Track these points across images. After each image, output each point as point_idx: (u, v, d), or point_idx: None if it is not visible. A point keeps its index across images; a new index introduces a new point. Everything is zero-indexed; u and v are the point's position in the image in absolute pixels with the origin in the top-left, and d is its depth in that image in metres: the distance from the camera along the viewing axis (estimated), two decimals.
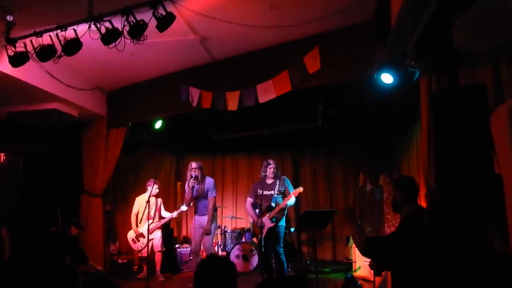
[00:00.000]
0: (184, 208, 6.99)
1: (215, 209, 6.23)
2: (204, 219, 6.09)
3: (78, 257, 4.80)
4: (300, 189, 5.88)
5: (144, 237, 6.88)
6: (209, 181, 6.23)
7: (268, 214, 5.83)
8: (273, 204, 5.85)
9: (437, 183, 3.17)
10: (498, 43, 2.53)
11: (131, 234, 7.14)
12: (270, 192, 5.94)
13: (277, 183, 5.95)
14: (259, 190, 6.05)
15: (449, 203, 2.32)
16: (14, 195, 6.79)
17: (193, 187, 6.04)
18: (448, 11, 2.82)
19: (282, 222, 5.91)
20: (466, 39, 2.67)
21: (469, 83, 3.25)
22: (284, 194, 5.93)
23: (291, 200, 5.89)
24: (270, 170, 6.02)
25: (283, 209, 5.89)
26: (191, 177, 6.06)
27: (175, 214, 7.22)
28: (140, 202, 7.13)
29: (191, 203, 6.26)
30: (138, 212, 7.10)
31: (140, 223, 7.03)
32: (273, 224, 5.80)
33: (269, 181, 6.04)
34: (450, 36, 3.00)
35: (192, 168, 6.12)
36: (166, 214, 7.29)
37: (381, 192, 7.83)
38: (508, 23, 2.33)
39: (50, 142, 7.57)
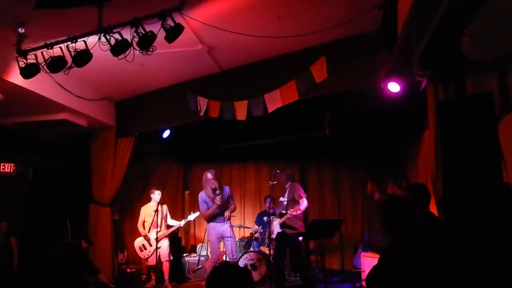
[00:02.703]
0: (192, 217, 6.97)
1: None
2: (224, 225, 5.99)
3: (89, 269, 4.82)
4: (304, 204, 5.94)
5: (151, 245, 6.90)
6: (226, 189, 6.17)
7: (279, 220, 6.02)
8: (283, 211, 5.94)
9: (445, 192, 3.17)
10: (505, 52, 2.54)
11: (138, 242, 7.15)
12: (282, 199, 6.16)
13: (288, 190, 6.11)
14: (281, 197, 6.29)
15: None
16: (23, 205, 6.85)
17: (219, 198, 5.80)
18: (454, 21, 2.84)
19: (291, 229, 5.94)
20: (474, 48, 2.69)
21: (476, 91, 3.26)
22: (294, 200, 5.99)
23: (303, 206, 5.92)
24: (282, 178, 6.30)
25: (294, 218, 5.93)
26: (212, 190, 5.87)
27: (182, 223, 7.23)
28: (145, 211, 7.14)
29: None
30: (144, 221, 7.12)
31: (147, 232, 7.04)
32: (281, 231, 5.89)
33: (286, 186, 6.26)
34: (457, 45, 3.02)
35: (209, 179, 5.87)
36: (173, 222, 7.29)
37: None
38: None
39: (59, 152, 7.65)
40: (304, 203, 5.89)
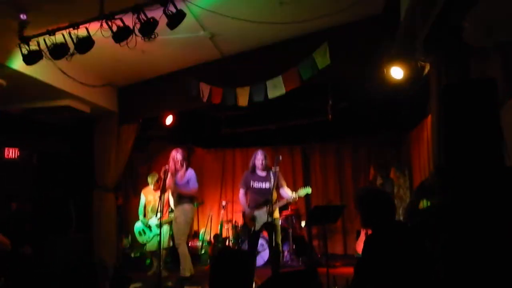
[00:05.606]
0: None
1: None
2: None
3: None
4: (308, 190, 5.76)
5: (151, 230, 6.98)
6: (188, 172, 6.19)
7: (265, 208, 5.54)
8: (268, 199, 5.58)
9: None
10: (507, 39, 2.53)
11: (138, 226, 7.17)
12: (265, 186, 5.75)
13: (271, 176, 5.68)
14: (251, 182, 5.81)
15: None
16: (28, 190, 6.90)
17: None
18: (458, 5, 2.82)
19: (276, 214, 5.74)
20: (475, 34, 2.67)
21: (479, 76, 3.25)
22: (277, 186, 5.74)
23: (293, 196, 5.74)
24: (259, 162, 5.78)
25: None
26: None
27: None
28: (145, 195, 7.20)
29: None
30: (145, 205, 7.17)
31: (146, 216, 7.11)
32: (270, 220, 5.45)
33: (262, 173, 5.81)
34: (460, 30, 3.00)
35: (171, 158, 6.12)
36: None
37: (392, 186, 7.84)
38: None
39: (63, 138, 7.67)
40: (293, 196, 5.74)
